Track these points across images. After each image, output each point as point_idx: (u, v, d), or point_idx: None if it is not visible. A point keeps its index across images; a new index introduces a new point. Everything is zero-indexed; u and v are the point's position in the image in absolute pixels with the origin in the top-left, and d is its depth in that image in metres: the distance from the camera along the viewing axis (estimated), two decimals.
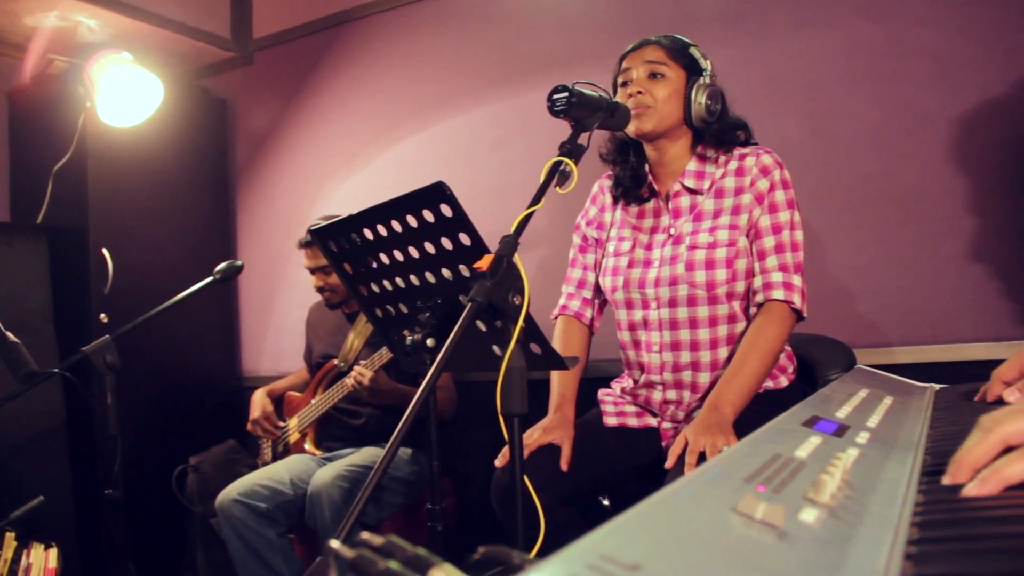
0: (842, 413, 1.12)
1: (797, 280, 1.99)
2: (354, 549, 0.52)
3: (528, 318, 1.50)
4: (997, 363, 2.41)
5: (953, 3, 2.64)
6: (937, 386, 1.68)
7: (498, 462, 1.96)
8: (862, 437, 0.99)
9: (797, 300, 1.97)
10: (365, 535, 0.55)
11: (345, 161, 4.06)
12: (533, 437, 2.00)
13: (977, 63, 2.60)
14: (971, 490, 0.73)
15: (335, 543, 0.53)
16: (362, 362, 2.95)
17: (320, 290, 3.24)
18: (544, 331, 1.60)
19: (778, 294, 1.97)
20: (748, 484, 0.68)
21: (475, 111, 3.65)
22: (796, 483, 0.72)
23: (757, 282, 2.01)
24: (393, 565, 0.50)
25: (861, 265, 2.79)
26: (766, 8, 2.97)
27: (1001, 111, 2.57)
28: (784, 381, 2.08)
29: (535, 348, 1.59)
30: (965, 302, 2.63)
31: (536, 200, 1.54)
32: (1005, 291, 2.57)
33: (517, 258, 1.48)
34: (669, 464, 1.77)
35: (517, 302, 1.46)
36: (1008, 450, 0.76)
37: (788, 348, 2.15)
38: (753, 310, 2.03)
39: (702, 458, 1.69)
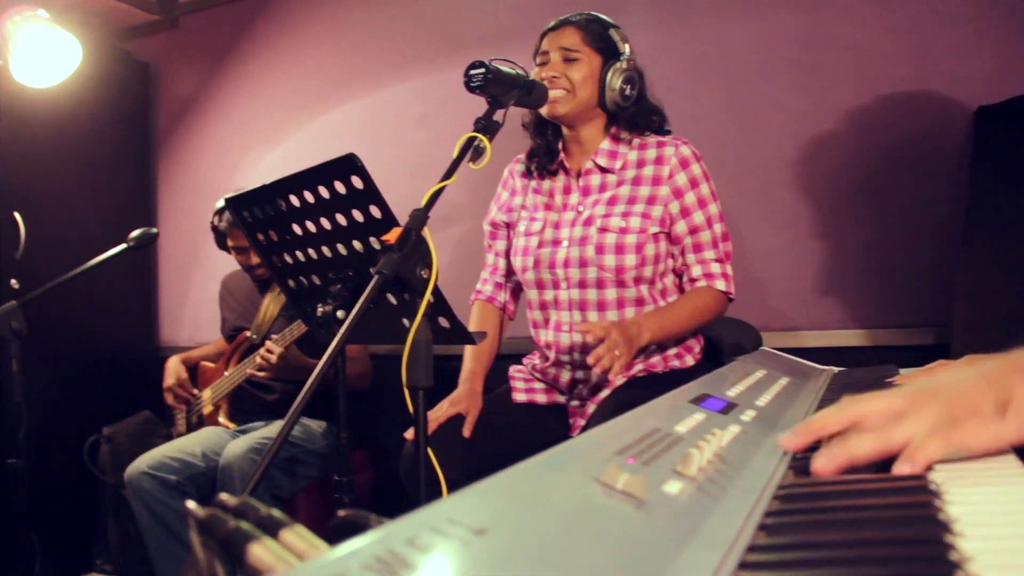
0: (733, 392, 1.15)
1: (731, 270, 2.10)
2: (208, 509, 0.52)
3: (436, 292, 1.51)
4: (900, 348, 2.49)
5: None
6: (836, 369, 1.73)
7: (407, 435, 1.96)
8: (748, 415, 1.01)
9: (733, 289, 2.09)
10: (223, 496, 0.55)
11: (270, 131, 4.00)
12: (442, 410, 2.01)
13: (892, 58, 2.67)
14: (819, 464, 0.74)
15: (190, 503, 0.52)
16: (274, 336, 2.92)
17: (252, 268, 3.16)
18: (457, 309, 1.60)
19: (720, 285, 2.07)
20: (619, 456, 0.69)
21: (401, 85, 3.63)
22: (668, 456, 0.73)
23: (696, 271, 2.08)
24: (244, 525, 0.49)
25: (774, 250, 2.84)
26: None
27: (912, 107, 2.64)
28: (690, 361, 2.12)
29: (443, 322, 1.59)
30: (872, 288, 2.70)
31: (448, 175, 1.54)
32: (910, 279, 2.64)
33: (427, 232, 1.48)
34: (582, 328, 1.78)
35: (425, 275, 1.46)
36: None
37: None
38: (688, 287, 2.08)
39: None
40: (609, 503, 0.58)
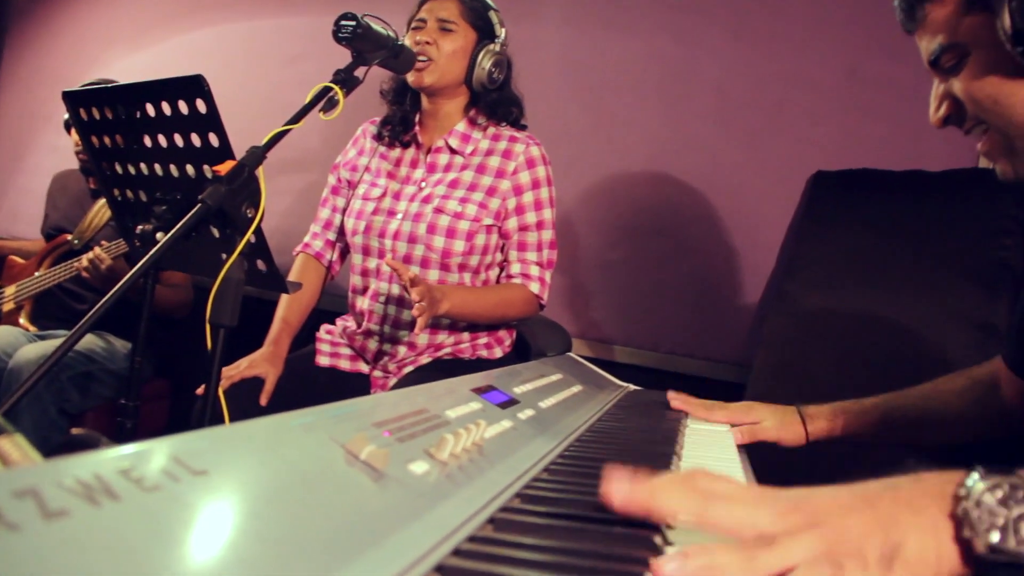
0: (520, 389, 1.17)
1: (549, 277, 2.13)
2: None
3: (259, 233, 1.48)
4: (702, 380, 2.61)
5: (743, 43, 2.81)
6: (632, 387, 1.80)
7: (199, 391, 1.90)
8: (525, 414, 1.04)
9: (546, 296, 2.12)
10: None
11: (133, 34, 3.82)
12: (239, 368, 1.97)
13: (751, 106, 2.79)
14: (668, 571, 0.56)
15: None
16: (104, 243, 2.80)
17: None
18: (286, 255, 1.58)
19: (534, 287, 2.09)
20: (376, 428, 0.70)
21: (278, 20, 3.53)
22: (427, 438, 0.74)
23: (515, 268, 2.10)
24: None
25: (605, 262, 2.93)
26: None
27: (760, 156, 2.77)
28: (499, 352, 2.16)
29: (261, 265, 1.57)
30: (688, 318, 2.82)
31: (295, 119, 1.52)
32: (728, 317, 2.77)
33: (261, 171, 1.45)
34: (396, 265, 1.74)
35: (250, 214, 1.43)
36: None
37: (513, 323, 2.23)
38: (504, 279, 2.11)
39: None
40: (347, 470, 0.59)
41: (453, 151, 2.10)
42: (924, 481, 0.65)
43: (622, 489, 0.64)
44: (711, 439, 1.27)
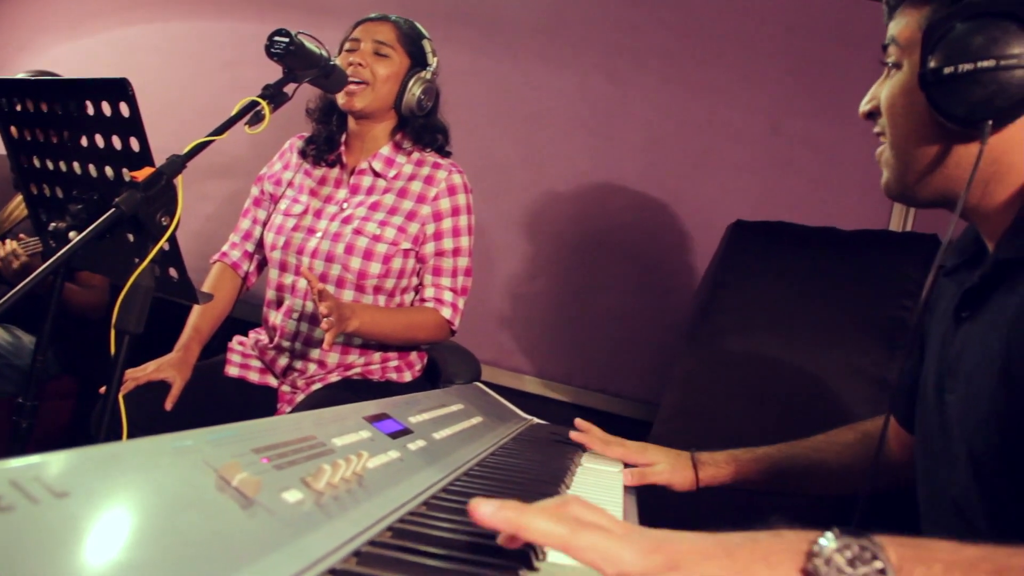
0: (416, 419, 1.18)
1: (462, 303, 2.15)
2: None
3: (173, 242, 1.48)
4: (611, 416, 2.64)
5: (674, 89, 2.88)
6: (536, 420, 1.82)
7: (102, 390, 1.87)
8: (415, 445, 1.05)
9: (457, 322, 2.14)
10: None
11: (71, 22, 3.74)
12: (147, 371, 1.95)
13: (677, 150, 2.87)
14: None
15: None
16: (22, 236, 2.74)
17: None
18: (204, 263, 1.58)
19: (446, 313, 2.11)
20: (254, 454, 0.71)
21: (219, 22, 3.49)
22: (306, 466, 0.75)
23: (429, 292, 2.12)
24: None
25: (522, 293, 2.97)
26: (519, 32, 3.09)
27: (683, 200, 2.85)
28: (408, 376, 2.17)
29: (173, 273, 1.57)
30: (604, 355, 2.86)
31: (219, 131, 1.52)
32: (641, 355, 2.83)
33: (179, 180, 1.45)
34: (310, 276, 1.76)
35: (164, 223, 1.43)
36: None
37: (425, 348, 2.25)
38: (418, 303, 2.12)
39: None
40: (216, 495, 0.60)
41: (376, 174, 2.11)
42: (782, 537, 0.69)
43: (490, 507, 0.66)
44: (601, 479, 1.30)
